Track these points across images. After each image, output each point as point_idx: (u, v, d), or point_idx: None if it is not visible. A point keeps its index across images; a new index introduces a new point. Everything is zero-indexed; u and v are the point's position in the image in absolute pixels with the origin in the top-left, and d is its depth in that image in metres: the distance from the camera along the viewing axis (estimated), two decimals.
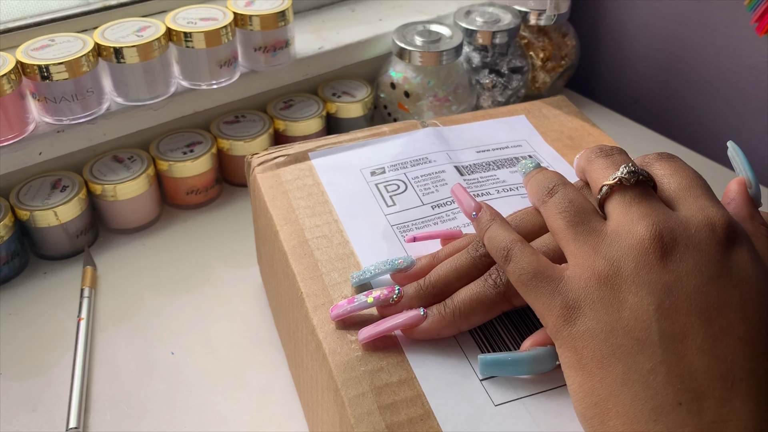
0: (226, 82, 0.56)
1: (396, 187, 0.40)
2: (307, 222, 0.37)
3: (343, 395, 0.28)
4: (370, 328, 0.30)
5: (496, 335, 0.31)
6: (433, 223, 0.37)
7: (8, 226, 0.49)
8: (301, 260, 0.35)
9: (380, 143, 0.44)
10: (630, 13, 0.72)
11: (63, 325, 0.47)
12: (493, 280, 0.30)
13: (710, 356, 0.23)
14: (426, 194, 0.39)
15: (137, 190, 0.53)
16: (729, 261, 0.25)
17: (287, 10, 0.56)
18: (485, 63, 0.65)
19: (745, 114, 0.65)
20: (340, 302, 0.32)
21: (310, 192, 0.40)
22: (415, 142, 0.43)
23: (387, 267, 0.33)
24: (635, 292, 0.24)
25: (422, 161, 0.42)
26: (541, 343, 0.29)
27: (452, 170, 0.41)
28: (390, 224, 0.37)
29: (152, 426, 0.41)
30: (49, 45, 0.50)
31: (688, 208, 0.26)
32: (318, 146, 0.43)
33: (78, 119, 0.51)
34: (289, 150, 0.43)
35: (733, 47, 0.64)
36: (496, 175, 0.41)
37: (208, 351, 0.45)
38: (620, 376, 0.24)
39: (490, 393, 0.28)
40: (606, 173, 0.28)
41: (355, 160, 0.42)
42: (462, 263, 0.31)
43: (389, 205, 0.39)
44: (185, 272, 0.52)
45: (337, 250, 0.36)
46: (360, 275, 0.33)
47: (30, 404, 0.42)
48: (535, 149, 0.44)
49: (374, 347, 0.30)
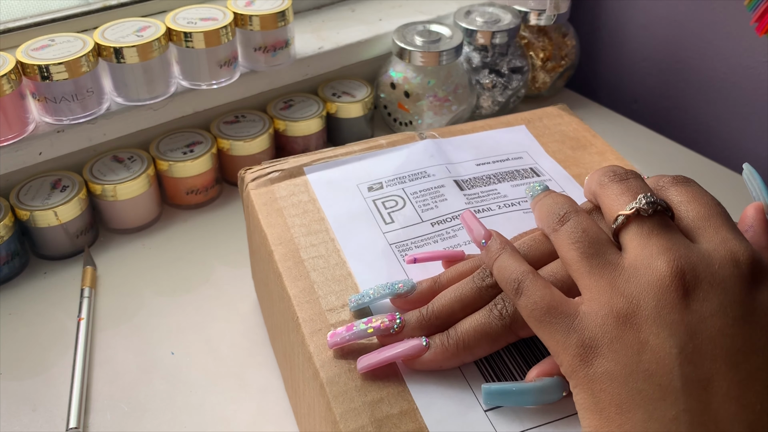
0: (226, 82, 0.56)
1: (394, 203, 0.39)
2: (302, 241, 0.36)
3: (342, 428, 0.27)
4: (370, 357, 0.29)
5: (502, 364, 0.30)
6: (433, 241, 0.36)
7: (8, 226, 0.49)
8: (297, 282, 0.34)
9: (377, 156, 0.42)
10: (630, 13, 0.72)
11: (63, 325, 0.47)
12: (498, 311, 0.28)
13: (737, 404, 0.22)
14: (425, 210, 0.38)
15: (137, 190, 0.53)
16: (755, 300, 0.23)
17: (287, 10, 0.56)
18: (485, 63, 0.65)
19: (745, 114, 0.65)
20: (338, 329, 0.30)
21: (306, 209, 0.39)
22: (413, 155, 0.42)
23: (387, 291, 0.31)
24: (656, 333, 0.23)
25: (421, 175, 0.41)
26: (548, 373, 0.27)
27: (452, 184, 0.40)
28: (389, 243, 0.36)
29: (152, 426, 0.41)
30: (49, 45, 0.50)
31: (709, 241, 0.25)
32: (313, 160, 0.42)
33: (78, 119, 0.51)
34: (284, 164, 0.42)
35: (733, 47, 0.64)
36: (497, 189, 0.40)
37: (208, 351, 0.45)
38: (640, 423, 0.22)
39: (494, 424, 0.27)
40: (621, 201, 0.27)
41: (352, 175, 0.41)
42: (466, 293, 0.30)
43: (387, 222, 0.37)
44: (185, 272, 0.52)
45: (333, 271, 0.34)
46: (358, 299, 0.32)
47: (30, 404, 0.42)
48: (536, 161, 0.43)
49: (374, 376, 0.29)
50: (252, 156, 0.58)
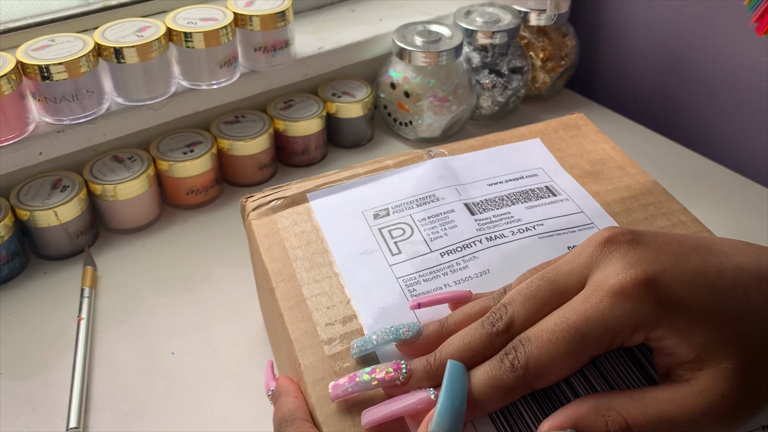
0: (226, 82, 0.56)
1: (401, 232, 0.36)
2: (305, 276, 0.34)
3: None
4: (375, 410, 0.27)
5: (517, 415, 0.28)
6: (443, 273, 0.34)
7: (8, 226, 0.49)
8: (299, 325, 0.32)
9: (383, 179, 0.40)
10: (630, 13, 0.72)
11: (63, 325, 0.47)
12: (510, 361, 0.26)
13: None
14: (434, 239, 0.36)
15: (137, 190, 0.53)
16: None
17: (287, 10, 0.56)
18: (485, 63, 0.65)
19: (745, 114, 0.65)
20: (340, 381, 0.28)
21: (308, 240, 0.37)
22: (421, 177, 0.40)
23: (391, 337, 0.30)
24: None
25: (429, 199, 0.38)
26: (561, 427, 0.25)
27: (462, 208, 0.37)
28: (396, 276, 0.34)
29: (152, 426, 0.41)
30: (49, 45, 0.50)
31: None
32: (317, 185, 0.40)
33: (78, 119, 0.51)
34: (286, 191, 0.40)
35: (733, 47, 0.64)
36: (510, 212, 0.37)
37: (208, 351, 0.45)
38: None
39: None
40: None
41: (357, 200, 0.39)
42: (476, 341, 0.28)
43: (394, 253, 0.35)
44: (185, 272, 0.52)
45: (337, 311, 0.33)
46: (362, 345, 0.30)
47: (30, 404, 0.42)
48: (552, 178, 0.40)
49: (380, 431, 0.28)
50: (252, 156, 0.58)
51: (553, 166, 0.41)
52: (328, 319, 0.32)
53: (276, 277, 0.35)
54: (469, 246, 0.35)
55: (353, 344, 0.30)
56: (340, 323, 0.32)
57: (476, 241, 0.35)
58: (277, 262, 0.35)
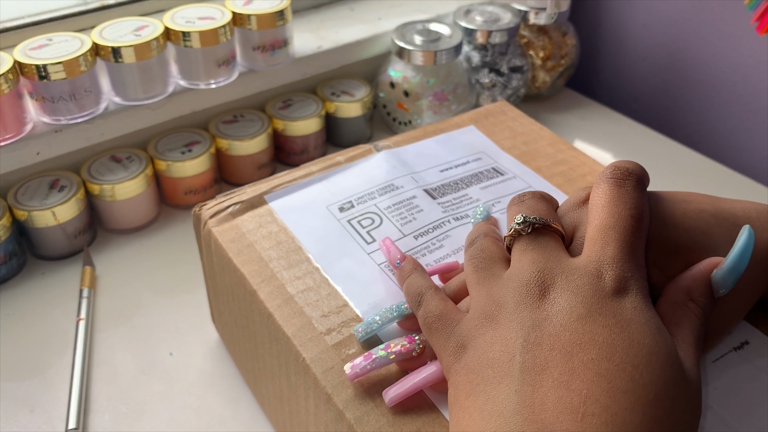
0: (225, 82, 0.56)
1: (371, 221, 0.37)
2: (285, 275, 0.34)
3: None
4: (397, 387, 0.28)
5: None
6: (421, 254, 0.35)
7: (6, 227, 0.49)
8: (292, 321, 0.32)
9: (338, 174, 0.41)
10: (630, 12, 0.72)
11: (62, 325, 0.47)
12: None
13: (565, 389, 0.23)
14: (405, 224, 0.37)
15: (135, 190, 0.53)
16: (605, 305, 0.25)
17: (286, 9, 0.56)
18: (485, 62, 0.65)
19: (745, 113, 0.65)
20: (357, 360, 0.29)
21: (279, 240, 0.36)
22: (375, 169, 0.41)
23: (395, 314, 0.30)
24: (509, 327, 0.25)
25: (389, 188, 0.39)
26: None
27: (423, 194, 0.39)
28: (376, 263, 0.34)
29: (151, 426, 0.41)
30: (46, 44, 0.50)
31: (588, 255, 0.27)
32: (272, 187, 0.40)
33: (76, 119, 0.51)
34: (242, 196, 0.39)
35: (733, 47, 0.64)
36: (468, 193, 0.39)
37: (207, 351, 0.45)
38: (479, 406, 0.24)
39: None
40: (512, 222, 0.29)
41: (318, 198, 0.39)
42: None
43: (369, 242, 0.36)
44: (184, 272, 0.52)
45: (328, 302, 0.33)
46: (366, 328, 0.30)
47: (29, 405, 0.42)
48: (495, 160, 0.42)
49: (403, 407, 0.28)
50: (251, 156, 0.58)
51: (493, 149, 0.44)
52: (322, 312, 0.32)
53: (254, 279, 0.34)
54: (439, 226, 0.37)
55: (356, 329, 0.31)
56: (334, 313, 0.32)
57: (445, 221, 0.37)
58: (252, 264, 0.35)
